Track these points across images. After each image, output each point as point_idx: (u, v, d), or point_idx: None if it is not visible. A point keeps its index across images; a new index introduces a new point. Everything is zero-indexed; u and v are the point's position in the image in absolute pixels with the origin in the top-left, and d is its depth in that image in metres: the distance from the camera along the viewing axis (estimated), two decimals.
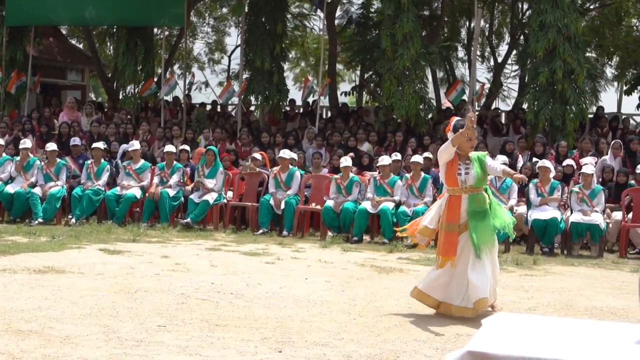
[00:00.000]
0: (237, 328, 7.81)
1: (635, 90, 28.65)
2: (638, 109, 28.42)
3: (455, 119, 9.27)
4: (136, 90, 23.65)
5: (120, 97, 25.79)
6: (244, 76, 23.13)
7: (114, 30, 27.61)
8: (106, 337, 7.28)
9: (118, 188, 17.03)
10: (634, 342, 2.55)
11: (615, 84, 33.55)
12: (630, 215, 15.48)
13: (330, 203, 16.00)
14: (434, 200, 15.97)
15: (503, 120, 24.61)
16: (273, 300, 9.29)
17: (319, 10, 24.90)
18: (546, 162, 15.65)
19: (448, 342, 7.59)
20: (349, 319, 8.45)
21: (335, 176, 16.50)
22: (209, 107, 26.38)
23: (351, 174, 16.43)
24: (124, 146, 18.60)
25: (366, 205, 15.74)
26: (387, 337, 7.71)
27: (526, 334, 2.68)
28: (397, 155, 17.15)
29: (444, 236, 8.90)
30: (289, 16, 26.23)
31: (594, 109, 23.94)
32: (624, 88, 30.22)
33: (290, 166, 16.80)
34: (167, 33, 28.32)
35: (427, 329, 8.10)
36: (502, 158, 16.02)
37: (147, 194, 16.82)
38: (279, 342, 7.34)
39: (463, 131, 8.69)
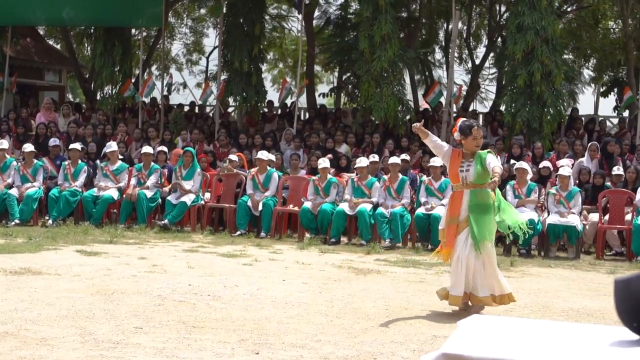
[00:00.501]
0: (214, 330, 7.80)
1: (612, 93, 28.83)
2: (614, 111, 28.59)
3: (461, 120, 9.49)
4: (114, 91, 23.55)
5: (98, 97, 25.69)
6: (222, 77, 23.09)
7: (92, 30, 27.51)
8: (82, 339, 7.25)
9: (95, 189, 16.97)
10: (608, 345, 2.56)
11: (592, 86, 33.78)
12: (606, 217, 15.56)
13: (308, 204, 15.99)
14: (412, 201, 16.13)
15: (480, 122, 24.70)
16: (250, 301, 9.28)
17: (296, 11, 24.87)
18: (523, 164, 15.71)
19: (425, 344, 7.61)
20: (326, 320, 8.45)
21: (313, 177, 16.51)
22: (186, 109, 26.33)
23: (329, 176, 16.44)
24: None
25: (344, 206, 15.75)
26: (364, 338, 7.71)
27: (502, 336, 2.69)
28: (374, 157, 17.17)
29: (446, 230, 9.19)
30: (266, 17, 26.20)
31: (570, 110, 24.05)
32: (601, 90, 30.44)
33: (268, 167, 16.77)
34: (144, 34, 28.22)
35: (404, 331, 8.12)
36: None
37: (124, 195, 16.77)
38: (256, 344, 7.33)
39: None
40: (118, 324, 7.86)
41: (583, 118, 23.65)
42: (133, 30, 28.05)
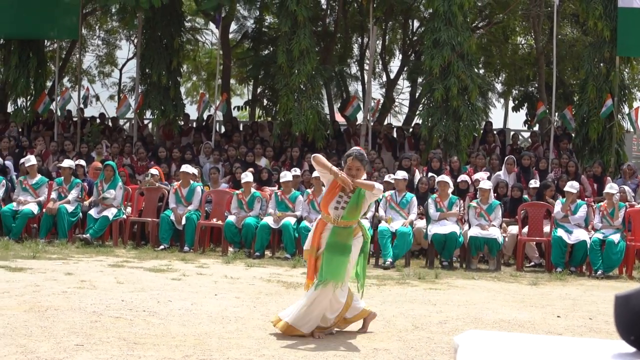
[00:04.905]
0: (156, 346, 7.75)
1: (522, 107, 29.46)
2: (524, 125, 29.21)
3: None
4: (28, 104, 23.17)
5: (10, 110, 25.27)
6: (139, 90, 22.93)
7: (2, 41, 27.10)
8: (25, 358, 7.13)
9: (14, 203, 16.69)
10: (610, 357, 2.66)
11: (501, 100, 34.49)
12: (525, 229, 15.89)
13: (232, 218, 16.00)
14: None
15: (394, 134, 24.97)
16: (187, 317, 9.24)
17: (214, 26, 24.87)
18: (445, 178, 15.98)
19: (367, 357, 7.67)
20: (265, 335, 8.46)
21: (237, 191, 16.52)
22: (98, 121, 26.04)
23: (253, 190, 16.47)
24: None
25: (268, 220, 15.79)
26: (307, 352, 7.75)
27: (510, 353, 2.76)
28: (296, 171, 17.26)
29: (308, 259, 8.69)
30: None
31: (483, 124, 24.51)
32: (512, 105, 31.10)
33: (191, 181, 16.72)
34: (55, 45, 27.85)
35: (345, 344, 8.18)
36: (403, 174, 16.22)
37: (44, 210, 16.53)
38: None
39: (339, 178, 8.27)
40: (58, 342, 7.75)
41: (495, 131, 24.13)
42: (46, 42, 27.62)
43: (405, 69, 29.65)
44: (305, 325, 8.40)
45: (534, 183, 17.09)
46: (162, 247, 16.02)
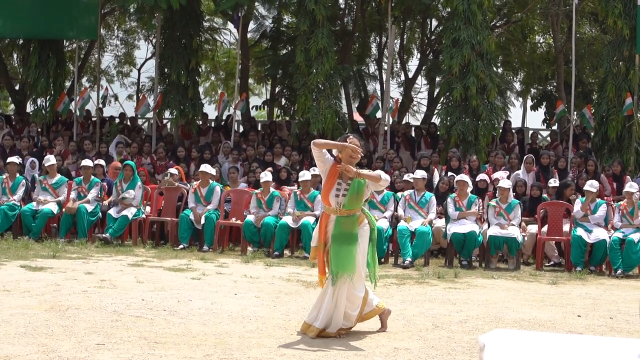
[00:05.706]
0: (177, 345, 7.78)
1: (541, 106, 29.37)
2: (543, 124, 29.13)
3: None
4: (47, 104, 23.26)
5: (29, 110, 25.36)
6: (158, 90, 22.96)
7: (22, 42, 27.27)
8: (47, 357, 7.16)
9: (34, 203, 16.76)
10: (636, 356, 2.64)
11: (520, 99, 34.39)
12: (545, 228, 15.83)
13: (251, 218, 16.01)
14: None
15: (413, 133, 24.96)
16: (207, 316, 9.26)
17: (233, 26, 24.93)
18: (464, 177, 15.92)
19: (388, 357, 7.67)
20: (286, 334, 8.48)
21: (256, 191, 16.54)
22: (117, 121, 26.12)
23: (272, 189, 16.48)
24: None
25: (287, 220, 15.79)
26: (328, 352, 7.76)
27: (535, 352, 2.76)
28: (315, 170, 17.21)
29: (317, 254, 8.64)
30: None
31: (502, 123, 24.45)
32: (530, 103, 31.01)
33: (210, 181, 16.75)
34: (74, 45, 27.98)
35: (365, 343, 8.17)
36: (422, 173, 16.20)
37: (64, 209, 16.59)
38: (221, 359, 7.32)
39: (348, 147, 8.36)
40: (79, 341, 7.79)
41: (513, 130, 24.07)
42: (65, 42, 27.73)
43: (424, 68, 29.60)
44: (331, 326, 8.43)
45: (553, 182, 17.04)
46: (181, 246, 16.06)
